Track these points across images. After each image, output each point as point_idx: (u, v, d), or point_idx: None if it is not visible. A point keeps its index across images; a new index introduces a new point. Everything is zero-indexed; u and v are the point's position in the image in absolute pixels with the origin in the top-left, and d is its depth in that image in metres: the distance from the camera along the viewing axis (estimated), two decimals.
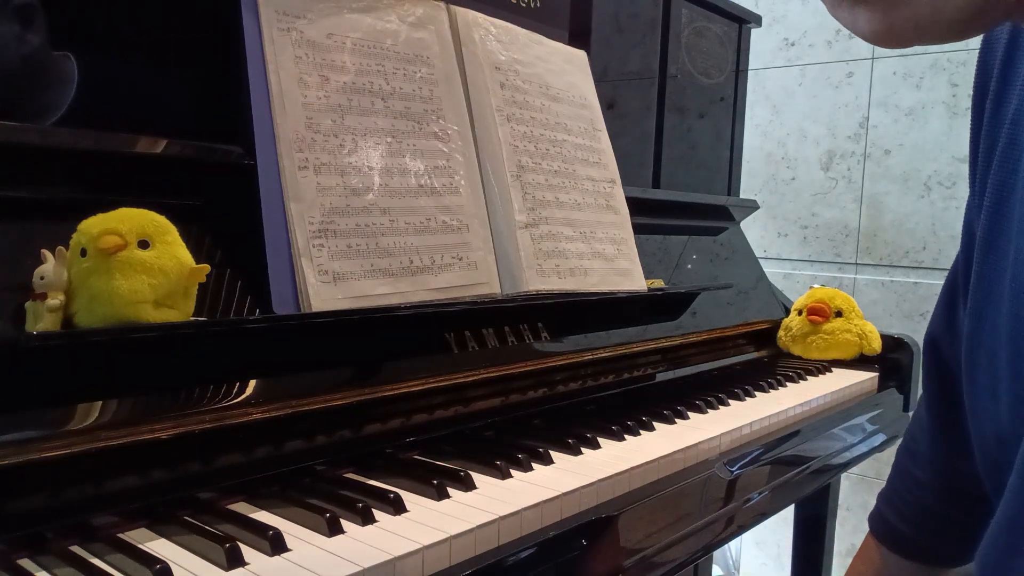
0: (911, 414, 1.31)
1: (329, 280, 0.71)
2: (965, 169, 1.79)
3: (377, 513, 0.60)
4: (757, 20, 1.51)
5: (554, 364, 0.94)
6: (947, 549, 0.74)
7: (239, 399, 0.65)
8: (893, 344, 1.31)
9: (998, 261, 0.54)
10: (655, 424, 0.89)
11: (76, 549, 0.54)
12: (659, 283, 1.14)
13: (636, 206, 1.06)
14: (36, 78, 0.65)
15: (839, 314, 1.31)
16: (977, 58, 0.60)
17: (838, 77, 1.97)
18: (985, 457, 0.58)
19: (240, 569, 0.52)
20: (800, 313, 1.33)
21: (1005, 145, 0.54)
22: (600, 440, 0.81)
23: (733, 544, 2.15)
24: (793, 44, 2.03)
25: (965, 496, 0.71)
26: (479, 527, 0.60)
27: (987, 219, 0.55)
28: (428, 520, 0.60)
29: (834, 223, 2.00)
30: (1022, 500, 0.47)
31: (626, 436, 0.84)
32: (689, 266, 1.28)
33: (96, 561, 0.52)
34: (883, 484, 0.80)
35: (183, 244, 0.62)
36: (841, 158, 1.97)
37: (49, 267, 0.58)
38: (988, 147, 0.57)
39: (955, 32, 0.37)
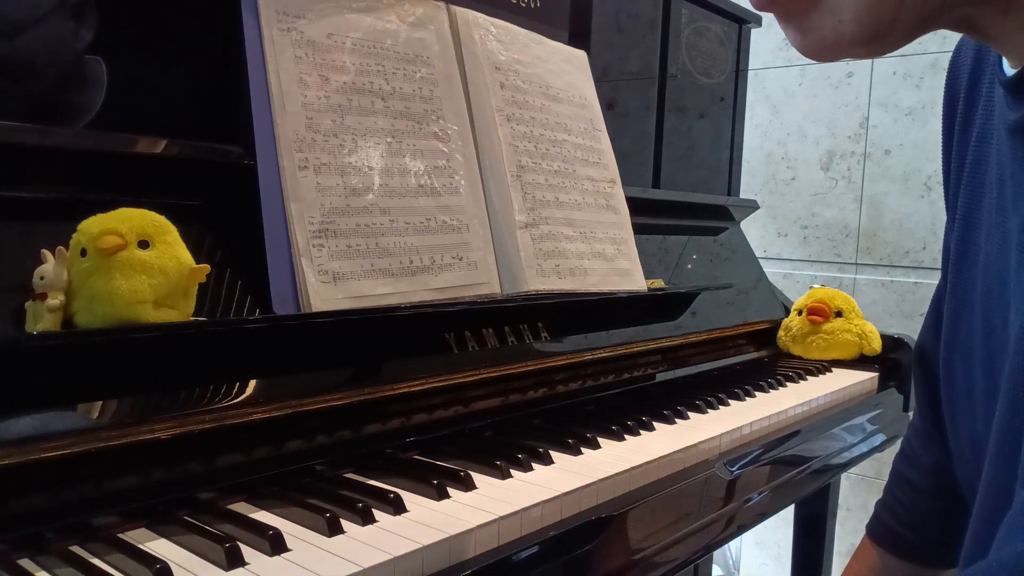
0: (911, 414, 1.31)
1: (329, 280, 0.71)
2: None
3: (377, 513, 0.60)
4: (757, 20, 1.51)
5: (554, 364, 0.94)
6: (944, 550, 0.75)
7: (239, 399, 0.65)
8: (893, 344, 1.31)
9: (969, 268, 0.56)
10: (655, 424, 0.89)
11: (76, 549, 0.54)
12: (659, 283, 1.14)
13: (636, 206, 1.06)
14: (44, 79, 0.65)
15: (839, 314, 1.31)
16: (944, 84, 0.63)
17: (838, 77, 1.97)
18: (961, 460, 0.60)
19: (240, 569, 0.51)
20: (800, 313, 1.33)
21: (972, 163, 0.57)
22: (600, 440, 0.81)
23: (733, 544, 2.15)
24: None
25: (959, 499, 0.72)
26: (479, 527, 0.60)
27: (959, 232, 0.58)
28: (428, 520, 0.60)
29: (834, 223, 1.99)
30: (995, 495, 0.47)
31: (626, 436, 0.84)
32: (689, 266, 1.27)
33: (96, 561, 0.52)
34: (884, 484, 0.81)
35: (183, 244, 0.62)
36: (841, 158, 1.97)
37: (49, 267, 0.58)
38: (958, 167, 0.60)
39: (866, 50, 0.41)
